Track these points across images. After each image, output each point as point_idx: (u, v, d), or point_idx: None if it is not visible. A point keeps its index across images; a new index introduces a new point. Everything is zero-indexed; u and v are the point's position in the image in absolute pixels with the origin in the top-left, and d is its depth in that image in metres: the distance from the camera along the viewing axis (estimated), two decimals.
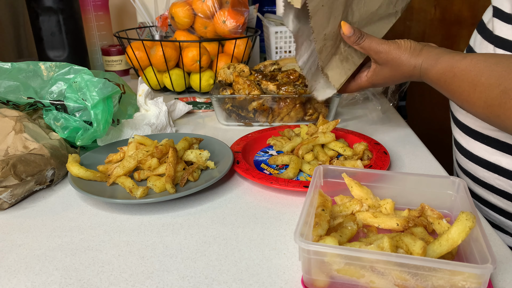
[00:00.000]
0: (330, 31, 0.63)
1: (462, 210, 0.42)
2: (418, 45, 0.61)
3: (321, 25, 0.62)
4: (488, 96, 0.51)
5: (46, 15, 1.07)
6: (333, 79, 0.69)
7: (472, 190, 0.70)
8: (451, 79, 0.55)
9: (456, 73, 0.55)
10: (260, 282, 0.44)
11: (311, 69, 0.70)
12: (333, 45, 0.66)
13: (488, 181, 0.65)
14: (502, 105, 0.49)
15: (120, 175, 0.62)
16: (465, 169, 0.70)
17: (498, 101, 0.49)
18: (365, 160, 0.68)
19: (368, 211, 0.51)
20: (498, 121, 0.51)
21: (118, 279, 0.45)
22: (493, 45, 0.62)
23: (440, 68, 0.57)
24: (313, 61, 0.68)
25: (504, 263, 0.47)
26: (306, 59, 0.69)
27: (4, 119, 0.66)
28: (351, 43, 0.64)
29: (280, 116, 0.87)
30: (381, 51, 0.62)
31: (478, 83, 0.52)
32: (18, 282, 0.45)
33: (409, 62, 0.61)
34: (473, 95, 0.53)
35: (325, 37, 0.63)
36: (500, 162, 0.62)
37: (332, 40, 0.65)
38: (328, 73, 0.68)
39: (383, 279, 0.40)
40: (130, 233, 0.54)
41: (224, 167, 0.64)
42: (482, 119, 0.54)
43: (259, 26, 1.40)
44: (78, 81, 0.68)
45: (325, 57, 0.66)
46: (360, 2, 0.66)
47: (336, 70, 0.68)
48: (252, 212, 0.58)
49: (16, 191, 0.59)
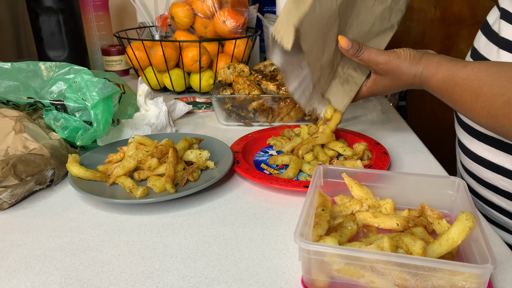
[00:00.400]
0: (326, 60, 0.63)
1: (462, 210, 0.42)
2: (418, 53, 0.61)
3: (317, 59, 0.61)
4: (491, 106, 0.51)
5: (46, 15, 1.07)
6: (336, 103, 0.67)
7: (476, 191, 0.70)
8: (453, 88, 0.55)
9: (458, 82, 0.54)
10: (260, 282, 0.44)
11: (304, 93, 0.67)
12: (330, 71, 0.65)
13: (492, 182, 0.65)
14: (507, 115, 0.49)
15: (120, 175, 0.62)
16: (469, 170, 0.70)
17: (503, 111, 0.50)
18: (365, 160, 0.68)
19: (368, 211, 0.51)
20: (503, 130, 0.51)
21: (118, 279, 0.45)
22: (498, 46, 0.62)
23: (441, 76, 0.57)
24: (305, 85, 0.66)
25: (504, 263, 0.47)
26: (297, 85, 0.66)
27: (4, 119, 0.66)
28: (350, 56, 0.63)
29: (280, 116, 0.87)
30: (381, 62, 0.62)
31: (481, 93, 0.52)
32: (18, 282, 0.45)
33: (409, 71, 0.60)
34: (475, 104, 0.53)
35: (322, 67, 0.62)
36: (504, 163, 0.62)
37: (329, 67, 0.64)
38: (330, 98, 0.67)
39: (383, 279, 0.40)
40: (130, 233, 0.54)
41: (224, 167, 0.64)
42: (485, 127, 0.54)
43: (259, 26, 1.40)
44: (78, 81, 0.68)
45: (323, 84, 0.65)
46: (352, 25, 0.64)
47: (338, 94, 0.67)
48: (252, 212, 0.58)
49: (16, 191, 0.59)
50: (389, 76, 0.63)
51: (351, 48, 0.62)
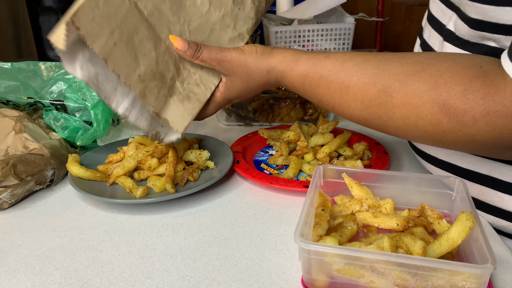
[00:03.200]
0: (146, 70, 0.54)
1: (462, 210, 0.42)
2: (266, 48, 0.56)
3: (128, 66, 0.52)
4: (365, 97, 0.47)
5: (46, 15, 1.08)
6: (175, 124, 0.58)
7: None
8: (317, 81, 0.51)
9: (323, 74, 0.50)
10: (260, 282, 0.44)
11: (142, 115, 0.58)
12: (163, 86, 0.57)
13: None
14: (383, 104, 0.46)
15: (120, 175, 0.62)
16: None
17: (378, 101, 0.46)
18: (365, 160, 0.68)
19: (368, 211, 0.51)
20: (379, 122, 0.48)
21: (118, 279, 0.45)
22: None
23: (302, 69, 0.52)
24: (141, 105, 0.57)
25: (504, 263, 0.47)
26: (129, 105, 0.57)
27: (4, 119, 0.66)
28: (188, 58, 0.57)
29: (280, 116, 0.87)
30: (223, 59, 0.56)
31: (350, 84, 0.48)
32: (18, 282, 0.45)
33: (258, 66, 0.55)
34: (346, 97, 0.49)
35: (142, 78, 0.54)
36: None
37: (157, 80, 0.56)
38: (168, 118, 0.57)
39: (383, 279, 0.40)
40: (130, 233, 0.54)
41: (224, 167, 0.64)
42: (360, 122, 0.50)
43: (259, 26, 1.40)
44: (78, 81, 0.68)
45: (155, 101, 0.56)
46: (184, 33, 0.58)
47: (177, 113, 0.58)
48: (252, 212, 0.58)
49: (16, 191, 0.59)
50: (237, 75, 0.57)
51: (188, 49, 0.56)
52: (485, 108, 0.40)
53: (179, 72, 0.58)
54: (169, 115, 0.57)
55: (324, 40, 1.08)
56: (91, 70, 0.53)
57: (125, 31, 0.52)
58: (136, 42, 0.53)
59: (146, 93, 0.55)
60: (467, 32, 0.49)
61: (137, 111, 0.58)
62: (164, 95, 0.57)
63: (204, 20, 0.59)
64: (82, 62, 0.52)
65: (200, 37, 0.59)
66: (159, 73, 0.56)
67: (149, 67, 0.55)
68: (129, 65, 0.53)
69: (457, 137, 0.43)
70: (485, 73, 0.41)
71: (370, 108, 0.47)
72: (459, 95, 0.41)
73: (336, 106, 0.51)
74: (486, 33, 0.47)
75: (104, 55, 0.50)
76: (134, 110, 0.58)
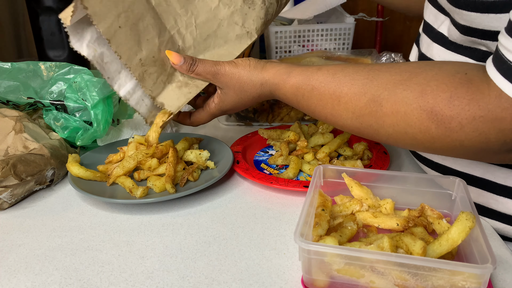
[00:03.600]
0: (148, 55, 0.57)
1: (462, 210, 0.43)
2: (260, 61, 0.58)
3: (130, 49, 0.55)
4: (356, 106, 0.48)
5: (46, 15, 1.07)
6: (169, 105, 0.60)
7: None
8: (310, 93, 0.52)
9: (315, 85, 0.52)
10: (260, 282, 0.45)
11: (143, 100, 0.61)
12: (163, 72, 0.59)
13: None
14: (373, 113, 0.47)
15: (120, 175, 0.62)
16: None
17: (368, 110, 0.47)
18: (365, 160, 0.68)
19: (368, 211, 0.51)
20: (371, 131, 0.49)
21: (118, 279, 0.45)
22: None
23: (295, 81, 0.54)
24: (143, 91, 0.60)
25: (504, 263, 0.47)
26: (131, 89, 0.60)
27: (4, 119, 0.66)
28: (185, 71, 0.59)
29: (280, 116, 0.87)
30: (217, 73, 0.58)
31: (342, 94, 0.49)
32: (18, 282, 0.45)
33: (251, 79, 0.57)
34: (338, 107, 0.50)
35: (143, 63, 0.56)
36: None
37: (157, 66, 0.58)
38: (164, 101, 0.60)
39: (383, 279, 0.40)
40: (130, 233, 0.54)
41: (224, 167, 0.64)
42: (353, 131, 0.52)
43: None
44: (78, 81, 0.68)
45: (153, 85, 0.58)
46: (190, 25, 0.59)
47: (173, 97, 0.60)
48: (252, 212, 0.58)
49: (16, 191, 0.59)
50: (231, 88, 0.59)
51: (184, 63, 0.58)
52: (471, 114, 0.41)
53: None
54: (166, 99, 0.60)
55: (324, 40, 1.08)
56: (97, 50, 0.56)
57: (131, 16, 0.55)
58: (140, 28, 0.56)
59: (145, 77, 0.57)
60: (458, 37, 0.50)
61: (139, 96, 0.61)
62: (163, 81, 0.60)
63: (212, 15, 0.61)
64: (89, 41, 0.56)
65: (207, 31, 0.61)
66: (160, 60, 0.59)
67: (151, 53, 0.57)
68: (132, 48, 0.55)
69: (445, 143, 0.44)
70: (470, 79, 0.42)
71: (361, 118, 0.48)
72: (446, 102, 0.42)
73: (328, 116, 0.52)
74: (475, 39, 0.48)
75: (108, 36, 0.52)
76: (135, 95, 0.61)
